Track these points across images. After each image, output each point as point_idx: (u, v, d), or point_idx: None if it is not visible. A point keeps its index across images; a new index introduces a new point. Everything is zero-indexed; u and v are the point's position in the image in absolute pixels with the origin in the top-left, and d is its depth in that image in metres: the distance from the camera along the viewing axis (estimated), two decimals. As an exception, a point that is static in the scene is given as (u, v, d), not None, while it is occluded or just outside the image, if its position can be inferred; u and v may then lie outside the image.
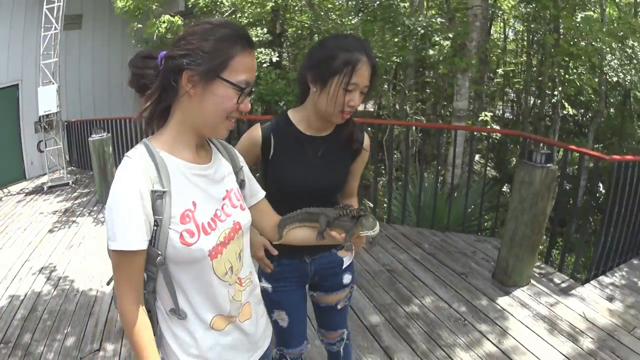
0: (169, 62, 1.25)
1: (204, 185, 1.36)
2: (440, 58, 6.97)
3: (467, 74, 6.78)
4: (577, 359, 3.23)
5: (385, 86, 11.31)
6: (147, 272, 1.29)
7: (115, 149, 8.78)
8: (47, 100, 9.22)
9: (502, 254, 4.22)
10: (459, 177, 6.79)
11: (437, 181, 5.87)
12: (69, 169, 10.69)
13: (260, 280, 2.05)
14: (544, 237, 5.39)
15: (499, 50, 14.07)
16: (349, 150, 1.97)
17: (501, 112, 17.12)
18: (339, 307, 2.24)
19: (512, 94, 16.37)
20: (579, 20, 7.96)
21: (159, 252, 1.25)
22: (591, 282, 4.37)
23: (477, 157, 10.75)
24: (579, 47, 7.76)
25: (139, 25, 8.87)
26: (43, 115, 9.32)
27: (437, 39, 7.15)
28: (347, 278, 2.19)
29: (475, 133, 7.83)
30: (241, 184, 1.54)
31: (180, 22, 9.26)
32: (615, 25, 8.26)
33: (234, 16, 10.24)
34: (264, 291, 2.02)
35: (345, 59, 1.69)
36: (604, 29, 7.85)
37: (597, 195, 4.67)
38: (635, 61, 10.26)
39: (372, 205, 7.17)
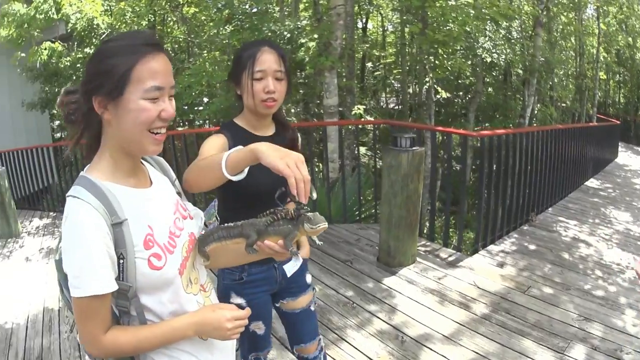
0: (80, 93, 1.24)
1: (153, 206, 1.33)
2: (307, 58, 7.15)
3: (334, 71, 7.00)
4: (471, 324, 3.43)
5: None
6: (118, 307, 1.25)
7: (12, 180, 8.55)
8: None
9: (382, 237, 4.42)
10: (337, 171, 7.00)
11: (313, 177, 5.99)
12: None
13: (229, 297, 2.04)
14: (427, 217, 5.67)
15: (367, 45, 14.51)
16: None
17: (385, 103, 17.74)
18: (312, 308, 2.25)
19: (397, 85, 16.94)
20: (446, 7, 8.35)
21: (130, 285, 1.21)
22: (480, 252, 4.64)
23: (363, 149, 11.20)
24: (444, 33, 8.15)
25: (22, 54, 8.69)
26: None
27: (303, 41, 7.35)
28: (308, 277, 2.22)
29: (350, 127, 8.12)
30: (179, 194, 1.52)
31: (60, 47, 9.07)
32: (484, 9, 8.70)
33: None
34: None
35: (247, 53, 1.86)
36: (472, 13, 8.27)
37: (487, 171, 4.95)
38: (512, 40, 10.96)
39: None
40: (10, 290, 4.74)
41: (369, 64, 15.77)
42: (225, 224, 1.40)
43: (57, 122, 14.37)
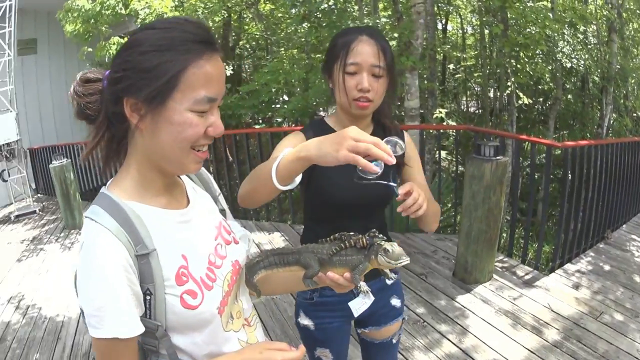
0: (107, 89, 1.00)
1: (190, 231, 1.11)
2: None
3: (415, 72, 6.73)
4: (541, 352, 3.18)
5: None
6: (146, 345, 1.06)
7: (79, 173, 8.69)
8: (5, 128, 8.97)
9: (460, 251, 4.17)
10: None
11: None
12: (35, 196, 10.52)
13: (298, 316, 1.84)
14: (507, 229, 5.38)
15: (449, 46, 14.10)
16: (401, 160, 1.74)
17: (465, 107, 17.23)
18: (393, 341, 1.95)
19: (477, 88, 16.44)
20: (527, 9, 8.00)
21: (159, 324, 1.02)
22: (556, 271, 4.33)
23: (444, 153, 10.78)
24: (527, 36, 7.79)
25: (89, 49, 8.66)
26: (3, 144, 9.09)
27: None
28: (395, 301, 1.90)
29: (431, 130, 7.84)
30: (222, 214, 1.29)
31: (130, 43, 9.13)
32: (562, 12, 8.32)
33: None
34: (304, 329, 1.85)
35: (342, 41, 1.59)
36: (551, 16, 7.91)
37: (569, 183, 4.66)
38: (589, 46, 10.40)
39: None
40: (68, 282, 4.81)
41: (450, 66, 15.33)
42: (278, 248, 1.20)
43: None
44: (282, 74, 8.20)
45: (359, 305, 1.34)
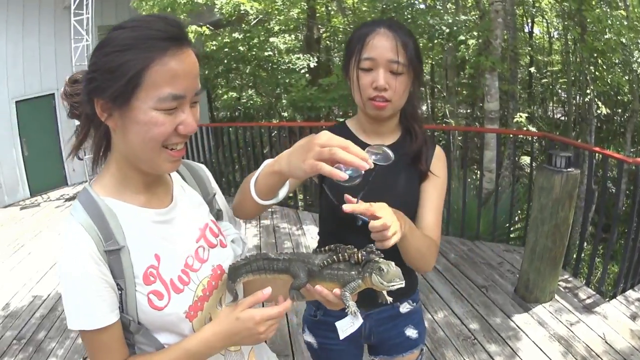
0: (83, 89, 1.00)
1: (167, 232, 1.09)
2: (466, 57, 6.68)
3: (495, 73, 6.46)
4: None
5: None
6: (126, 339, 1.07)
7: None
8: None
9: (523, 267, 3.93)
10: (494, 182, 6.36)
11: (466, 187, 5.56)
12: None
13: (304, 331, 1.75)
14: (575, 247, 5.06)
15: (529, 48, 13.55)
16: (416, 169, 1.53)
17: (552, 112, 16.53)
18: None
19: (563, 95, 15.73)
20: (602, 14, 7.57)
21: (130, 318, 1.02)
22: (617, 297, 4.02)
23: (527, 159, 10.32)
24: (604, 42, 7.35)
25: None
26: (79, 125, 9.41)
27: (462, 38, 6.85)
28: (411, 331, 1.68)
29: (510, 135, 7.52)
30: (217, 215, 1.27)
31: (208, 32, 9.17)
32: (636, 22, 7.82)
33: (261, 26, 10.15)
34: (308, 345, 1.76)
35: (358, 35, 1.42)
36: (625, 24, 7.44)
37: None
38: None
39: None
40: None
41: (532, 69, 14.77)
42: (269, 254, 1.08)
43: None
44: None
45: (347, 327, 1.19)
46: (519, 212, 6.22)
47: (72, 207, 1.02)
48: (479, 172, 8.56)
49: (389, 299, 1.07)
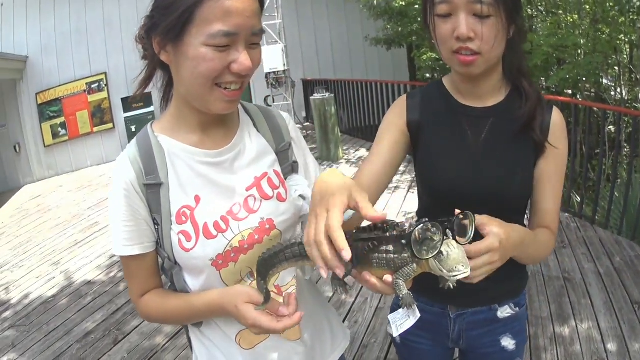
0: (144, 29, 1.03)
1: (215, 175, 1.10)
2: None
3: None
4: None
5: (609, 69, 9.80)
6: (164, 273, 1.16)
7: (347, 109, 9.54)
8: (273, 58, 9.99)
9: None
10: None
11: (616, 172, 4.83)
12: (305, 124, 11.70)
13: (388, 321, 1.40)
14: None
15: None
16: (529, 138, 1.23)
17: None
18: None
19: None
20: None
21: (166, 255, 1.09)
22: None
23: None
24: None
25: None
26: (269, 73, 10.20)
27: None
28: (508, 341, 1.43)
29: None
30: (292, 167, 1.22)
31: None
32: None
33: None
34: (391, 337, 1.67)
35: None
36: None
37: None
38: None
39: (579, 199, 6.18)
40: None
41: None
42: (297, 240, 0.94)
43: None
44: (558, 38, 7.42)
45: (400, 321, 0.92)
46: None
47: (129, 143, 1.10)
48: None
49: (452, 284, 0.89)
